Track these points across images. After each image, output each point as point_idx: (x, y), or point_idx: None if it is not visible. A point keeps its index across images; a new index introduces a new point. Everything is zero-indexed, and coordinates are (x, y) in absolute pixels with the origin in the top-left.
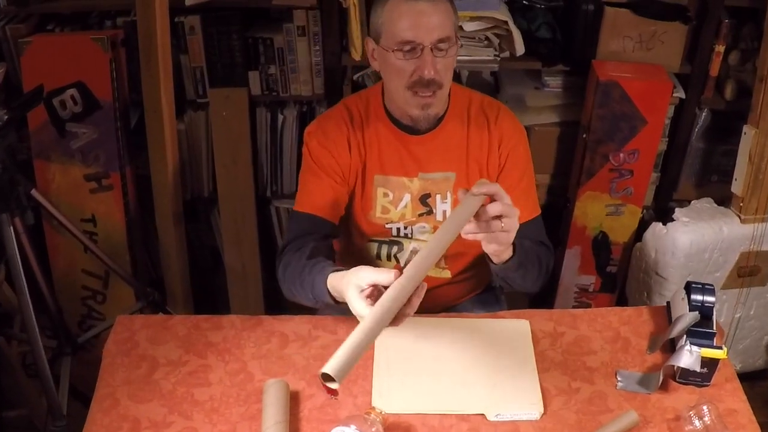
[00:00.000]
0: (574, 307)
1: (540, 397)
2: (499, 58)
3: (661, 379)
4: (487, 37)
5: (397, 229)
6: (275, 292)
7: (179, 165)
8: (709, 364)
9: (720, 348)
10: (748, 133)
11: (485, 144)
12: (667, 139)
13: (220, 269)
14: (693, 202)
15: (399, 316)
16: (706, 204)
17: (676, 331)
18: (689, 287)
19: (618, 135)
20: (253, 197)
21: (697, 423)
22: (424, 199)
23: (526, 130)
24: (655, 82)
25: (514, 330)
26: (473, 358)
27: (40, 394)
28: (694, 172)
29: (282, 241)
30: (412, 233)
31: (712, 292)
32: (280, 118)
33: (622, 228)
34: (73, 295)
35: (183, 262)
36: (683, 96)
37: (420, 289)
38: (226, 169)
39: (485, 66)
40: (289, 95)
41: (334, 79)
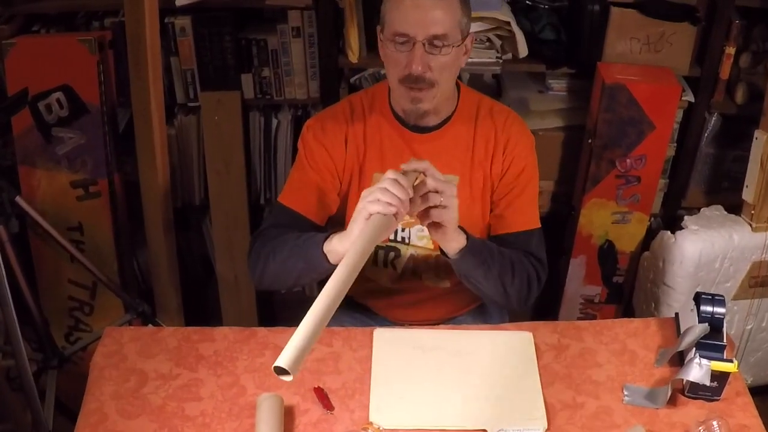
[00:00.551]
0: (579, 318)
1: (544, 412)
2: (501, 61)
3: (669, 393)
4: (488, 39)
5: (395, 233)
6: (269, 304)
7: (169, 171)
8: (720, 378)
9: (731, 361)
10: (760, 138)
11: (490, 148)
12: (675, 145)
13: (212, 279)
14: (702, 209)
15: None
16: (716, 212)
17: (685, 344)
18: (699, 298)
19: (625, 140)
20: (246, 205)
21: None
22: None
23: None
24: (664, 85)
25: (517, 342)
26: (474, 371)
27: (25, 409)
28: (704, 178)
29: (261, 227)
30: (409, 237)
31: (722, 303)
32: (275, 122)
33: (628, 236)
34: (59, 307)
35: (173, 272)
36: (692, 99)
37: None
38: (218, 175)
39: (487, 68)
40: (284, 99)
41: (331, 82)
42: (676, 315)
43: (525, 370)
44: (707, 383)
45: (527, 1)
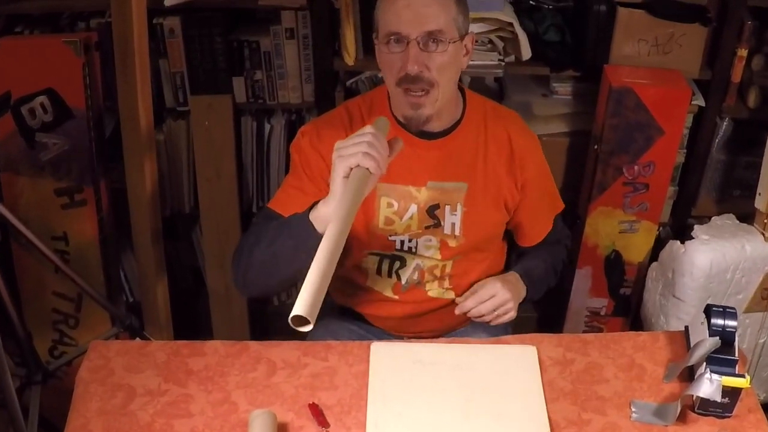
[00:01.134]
0: (584, 331)
1: (548, 429)
2: (503, 63)
3: (678, 409)
4: (490, 40)
5: (401, 242)
6: (261, 316)
7: (158, 179)
8: (731, 394)
9: (742, 376)
10: None
11: (503, 154)
12: (685, 151)
13: (202, 291)
14: (713, 218)
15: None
16: (727, 220)
17: (695, 358)
18: (709, 311)
19: (632, 146)
20: (238, 213)
21: None
22: (432, 210)
23: None
24: (673, 88)
25: (520, 357)
26: (476, 386)
27: (8, 427)
28: (715, 186)
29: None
30: (416, 247)
31: (734, 316)
32: (267, 127)
33: (636, 246)
34: (43, 319)
35: (162, 284)
36: (703, 104)
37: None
38: (209, 182)
39: (489, 71)
40: (277, 103)
41: (326, 86)
42: (686, 328)
43: (528, 386)
44: (718, 399)
45: (531, 1)
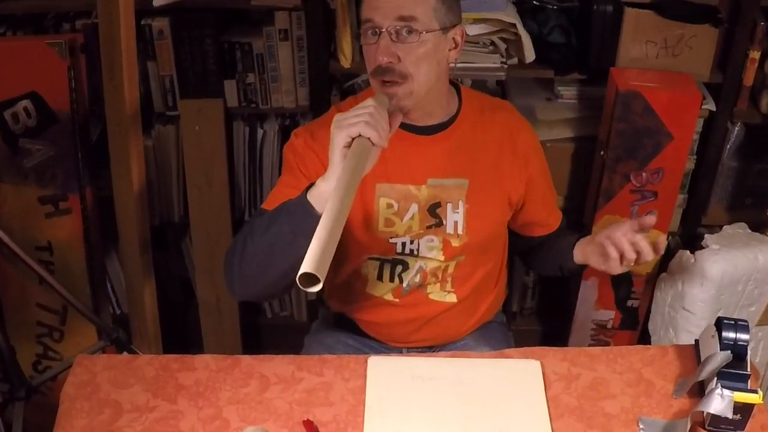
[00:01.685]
0: (590, 345)
1: None
2: (506, 66)
3: (688, 426)
4: (492, 42)
5: (402, 244)
6: (254, 329)
7: (146, 186)
8: (743, 410)
9: (755, 392)
10: None
11: (505, 148)
12: (695, 157)
13: (192, 303)
14: (724, 227)
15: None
16: (739, 230)
17: (705, 373)
18: (720, 323)
19: (640, 152)
20: (230, 222)
21: None
22: (434, 209)
23: None
24: (682, 92)
25: (523, 371)
26: (477, 403)
27: None
28: (726, 193)
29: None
30: (418, 249)
31: (746, 329)
32: (260, 132)
33: None
34: (26, 333)
35: (150, 295)
36: (713, 108)
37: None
38: (199, 190)
39: (490, 74)
40: (270, 107)
41: (321, 89)
42: (696, 342)
43: (532, 402)
44: (730, 416)
45: (534, 2)
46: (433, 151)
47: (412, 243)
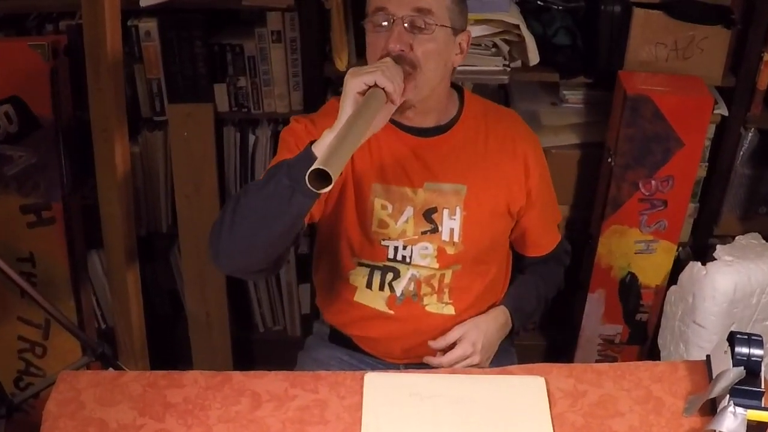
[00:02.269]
0: (597, 361)
1: None
2: (509, 69)
3: None
4: (494, 44)
5: (395, 249)
6: (246, 344)
7: (133, 195)
8: (757, 429)
9: None
10: None
11: (506, 154)
12: (706, 164)
13: (181, 317)
14: (737, 237)
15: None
16: (752, 240)
17: (717, 390)
18: (733, 338)
19: (649, 159)
20: None
21: None
22: (429, 214)
23: None
24: (693, 96)
25: (527, 388)
26: (478, 421)
27: None
28: (739, 202)
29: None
30: (411, 256)
31: (760, 344)
32: (252, 138)
33: (653, 268)
34: (7, 348)
35: (137, 309)
36: (726, 113)
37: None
38: (188, 199)
39: (493, 78)
40: (262, 112)
41: (315, 93)
42: (708, 357)
43: (536, 421)
44: None
45: (538, 2)
46: (430, 154)
47: (404, 249)
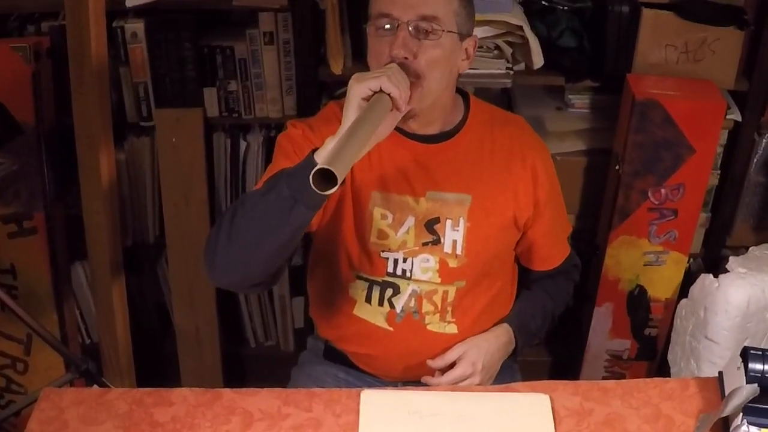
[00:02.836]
0: (604, 378)
1: None
2: (512, 72)
3: None
4: (497, 46)
5: (395, 262)
6: (236, 360)
7: (118, 204)
8: None
9: None
10: None
11: (515, 163)
12: (719, 172)
13: (169, 332)
14: (751, 249)
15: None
16: (766, 251)
17: (730, 408)
18: (747, 354)
19: (659, 166)
20: None
21: None
22: (431, 224)
23: None
24: (705, 101)
25: (531, 406)
26: None
27: None
28: (753, 212)
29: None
30: (411, 269)
31: None
32: (243, 145)
33: (663, 281)
34: None
35: (123, 323)
36: (739, 118)
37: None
38: (177, 208)
39: (495, 81)
40: (254, 117)
41: (310, 98)
42: (720, 374)
43: None
44: None
45: (543, 2)
46: (433, 162)
47: (404, 262)
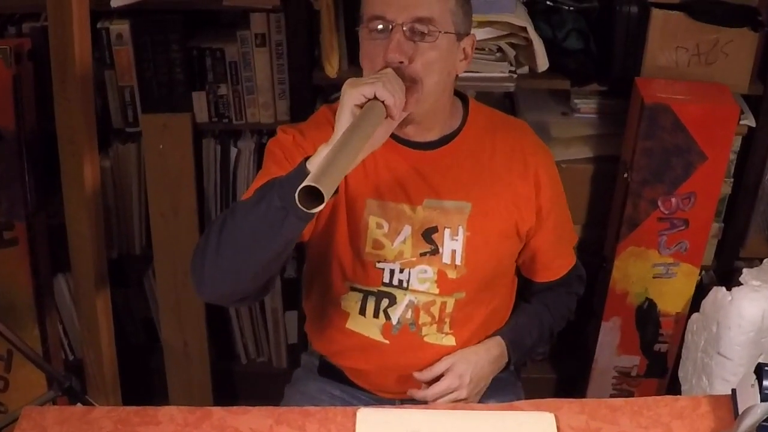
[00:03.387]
0: (612, 396)
1: None
2: (515, 75)
3: None
4: (500, 48)
5: (391, 272)
6: (227, 377)
7: (103, 213)
8: None
9: None
10: None
11: (515, 169)
12: (732, 180)
13: (156, 347)
14: (765, 260)
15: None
16: None
17: (743, 428)
18: (761, 371)
19: (669, 174)
20: None
21: None
22: (429, 234)
23: None
24: (717, 105)
25: (536, 426)
26: None
27: None
28: None
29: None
30: (408, 280)
31: None
32: (234, 152)
33: (674, 294)
34: None
35: (108, 339)
36: (753, 124)
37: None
38: (164, 218)
39: (497, 85)
40: (245, 123)
41: (303, 102)
42: (733, 391)
43: None
44: None
45: (548, 2)
46: (431, 169)
47: (401, 272)
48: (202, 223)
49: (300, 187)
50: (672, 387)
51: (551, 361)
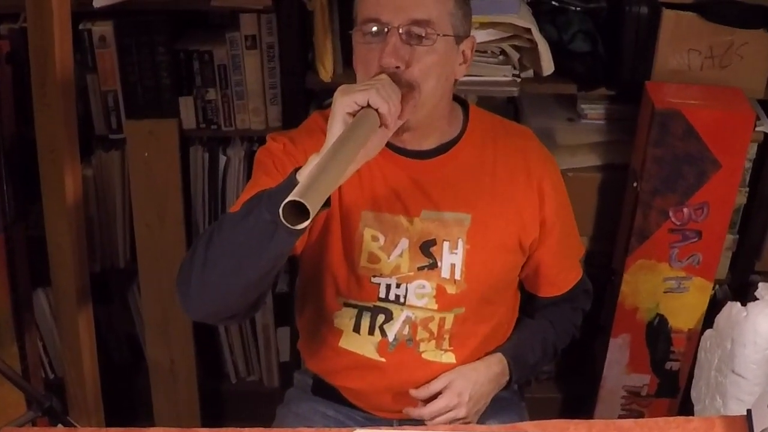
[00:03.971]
0: (621, 416)
1: None
2: (519, 79)
3: None
4: (503, 51)
5: (387, 288)
6: (214, 397)
7: (85, 224)
8: None
9: None
10: None
11: (518, 186)
12: (747, 189)
13: (141, 365)
14: None
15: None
16: None
17: None
18: None
19: (681, 183)
20: None
21: None
22: (427, 247)
23: None
24: (732, 111)
25: None
26: None
27: None
28: None
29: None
30: (405, 295)
31: None
32: (223, 159)
33: (686, 310)
34: None
35: (90, 356)
36: None
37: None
38: (150, 229)
39: (500, 90)
40: (235, 129)
41: (296, 107)
42: (749, 412)
43: None
44: None
45: (553, 2)
46: (429, 178)
47: (398, 287)
48: (190, 234)
49: (284, 203)
50: (684, 407)
51: (557, 380)
